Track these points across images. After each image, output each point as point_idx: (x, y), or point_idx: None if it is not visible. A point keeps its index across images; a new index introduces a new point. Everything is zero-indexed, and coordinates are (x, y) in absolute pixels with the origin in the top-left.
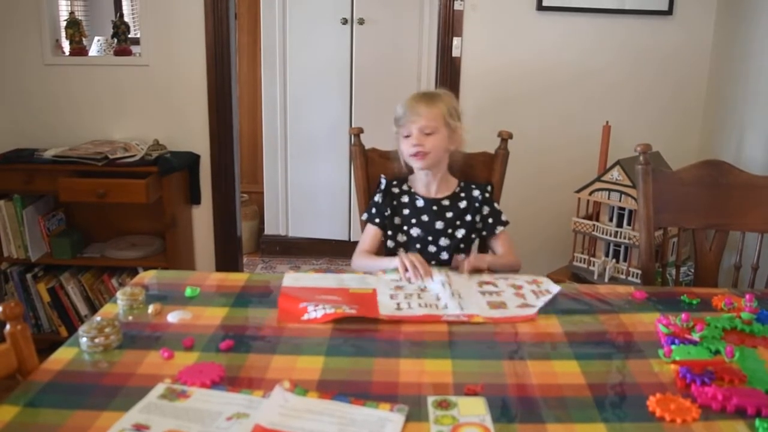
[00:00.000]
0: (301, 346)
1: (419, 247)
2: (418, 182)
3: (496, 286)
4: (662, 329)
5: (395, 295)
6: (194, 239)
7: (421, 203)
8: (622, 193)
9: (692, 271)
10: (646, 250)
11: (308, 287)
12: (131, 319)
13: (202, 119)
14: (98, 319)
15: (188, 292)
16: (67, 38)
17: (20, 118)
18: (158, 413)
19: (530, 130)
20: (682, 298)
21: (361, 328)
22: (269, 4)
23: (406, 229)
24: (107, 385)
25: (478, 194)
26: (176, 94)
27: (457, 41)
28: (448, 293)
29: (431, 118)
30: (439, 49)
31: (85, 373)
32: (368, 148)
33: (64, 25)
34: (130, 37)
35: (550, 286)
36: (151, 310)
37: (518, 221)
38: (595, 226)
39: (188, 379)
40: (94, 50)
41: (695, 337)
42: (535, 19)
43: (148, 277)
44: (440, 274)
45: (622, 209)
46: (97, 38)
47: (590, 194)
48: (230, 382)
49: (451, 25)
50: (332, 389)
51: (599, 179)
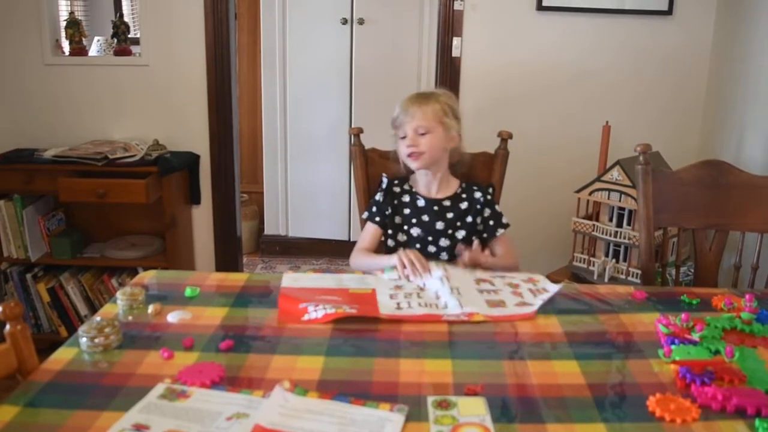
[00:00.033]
0: (301, 346)
1: (419, 247)
2: (419, 182)
3: (492, 284)
4: (662, 329)
5: (395, 294)
6: (194, 239)
7: (422, 203)
8: (622, 193)
9: (692, 271)
10: (646, 250)
11: (308, 288)
12: (131, 319)
13: (202, 119)
14: (98, 319)
15: (188, 292)
16: (67, 38)
17: (20, 118)
18: (158, 413)
19: (530, 130)
20: (682, 298)
21: (361, 328)
22: (269, 4)
23: (406, 228)
24: (107, 385)
25: (479, 196)
26: (176, 94)
27: (457, 41)
28: (447, 290)
29: (425, 117)
30: (439, 49)
31: (85, 373)
32: (368, 148)
33: (64, 25)
34: (130, 37)
35: (547, 284)
36: (151, 310)
37: (518, 221)
38: (595, 226)
39: (188, 379)
40: (94, 50)
41: (695, 337)
42: (534, 19)
43: (148, 277)
44: (438, 268)
45: (622, 209)
46: (97, 38)
47: (590, 194)
48: (230, 382)
49: (451, 25)
50: (332, 389)
51: (599, 179)
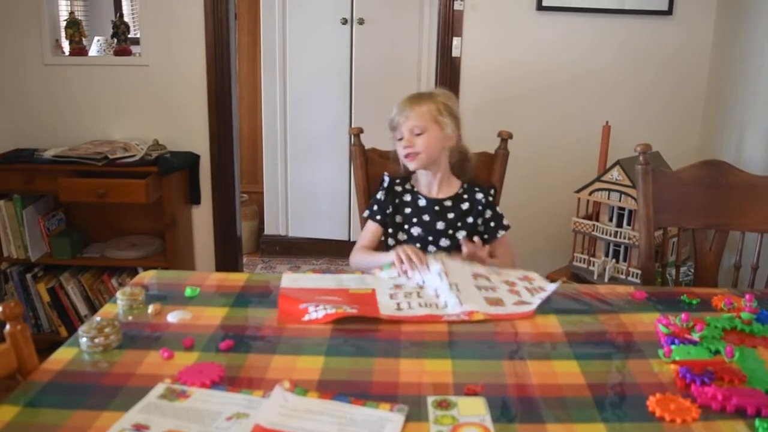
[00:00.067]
0: (301, 346)
1: (419, 246)
2: (420, 182)
3: (489, 280)
4: (662, 329)
5: (395, 294)
6: (194, 239)
7: (423, 203)
8: (622, 193)
9: (692, 271)
10: (645, 250)
11: (307, 288)
12: (131, 319)
13: (202, 119)
14: (98, 319)
15: (188, 292)
16: (67, 38)
17: (20, 118)
18: (158, 413)
19: (530, 130)
20: (682, 298)
21: (361, 328)
22: (269, 4)
23: (407, 227)
24: (107, 385)
25: (481, 197)
26: (176, 94)
27: (457, 41)
28: (445, 286)
29: (419, 117)
30: (439, 49)
31: (85, 373)
32: (368, 148)
33: (64, 25)
34: (130, 37)
35: (542, 283)
36: (151, 310)
37: (518, 221)
38: (595, 226)
39: (188, 379)
40: (94, 50)
41: (695, 337)
42: (535, 19)
43: (148, 277)
44: (436, 262)
45: (622, 209)
46: (97, 38)
47: (590, 194)
48: (230, 382)
49: (451, 25)
50: (332, 389)
51: (599, 179)
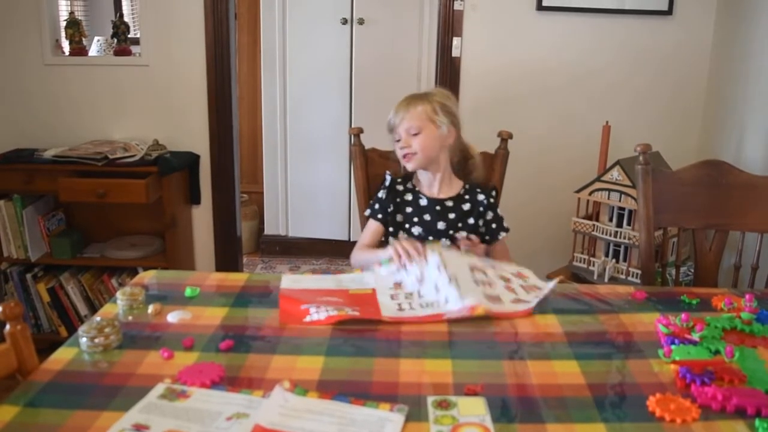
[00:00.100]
0: (301, 346)
1: None
2: (421, 181)
3: (486, 274)
4: (662, 329)
5: (396, 294)
6: (194, 239)
7: (424, 202)
8: (622, 193)
9: (692, 271)
10: (646, 250)
11: (307, 289)
12: (131, 319)
13: (202, 119)
14: (98, 319)
15: (188, 292)
16: (67, 38)
17: (20, 118)
18: (158, 413)
19: (530, 130)
20: (682, 298)
21: (360, 328)
22: (269, 4)
23: (407, 227)
24: (107, 385)
25: (482, 198)
26: (176, 94)
27: (457, 41)
28: (445, 279)
29: (414, 118)
30: (439, 49)
31: (85, 373)
32: (368, 148)
33: (64, 25)
34: (130, 37)
35: (536, 281)
36: (151, 310)
37: (518, 221)
38: (595, 226)
39: (188, 379)
40: (94, 50)
41: (695, 337)
42: (535, 19)
43: (148, 277)
44: (434, 253)
45: (622, 209)
46: (97, 38)
47: (590, 194)
48: (230, 382)
49: (451, 25)
50: (332, 389)
51: (599, 179)
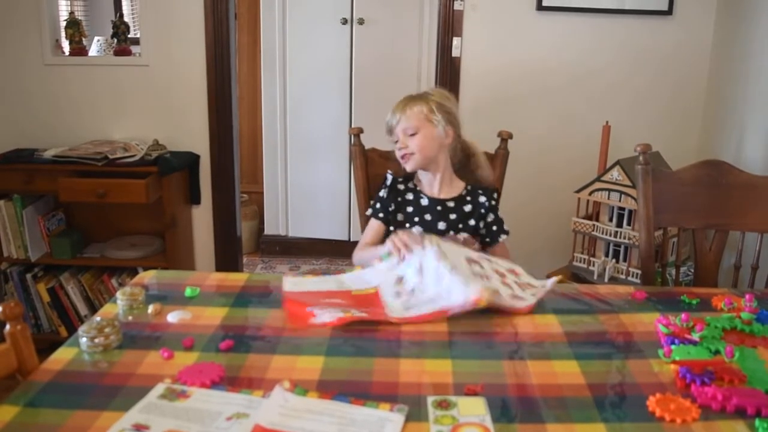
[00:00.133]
0: (301, 346)
1: None
2: (422, 181)
3: (482, 267)
4: (662, 329)
5: (400, 292)
6: (194, 239)
7: (425, 202)
8: (622, 193)
9: (692, 271)
10: (646, 250)
11: (311, 291)
12: (131, 319)
13: (202, 119)
14: (98, 319)
15: (188, 292)
16: (67, 38)
17: (20, 118)
18: (158, 413)
19: (530, 130)
20: (682, 298)
21: (361, 327)
22: (269, 4)
23: (408, 226)
24: (107, 385)
25: (484, 200)
26: (176, 94)
27: (457, 41)
28: (446, 267)
29: (411, 118)
30: (439, 49)
31: (85, 373)
32: (368, 148)
33: (64, 25)
34: (130, 37)
35: (530, 279)
36: (151, 310)
37: (518, 221)
38: (595, 226)
39: (188, 379)
40: (94, 50)
41: (695, 337)
42: (535, 19)
43: (148, 277)
44: (431, 245)
45: (622, 209)
46: (97, 38)
47: (590, 194)
48: (230, 382)
49: (451, 25)
50: (332, 389)
51: (599, 179)
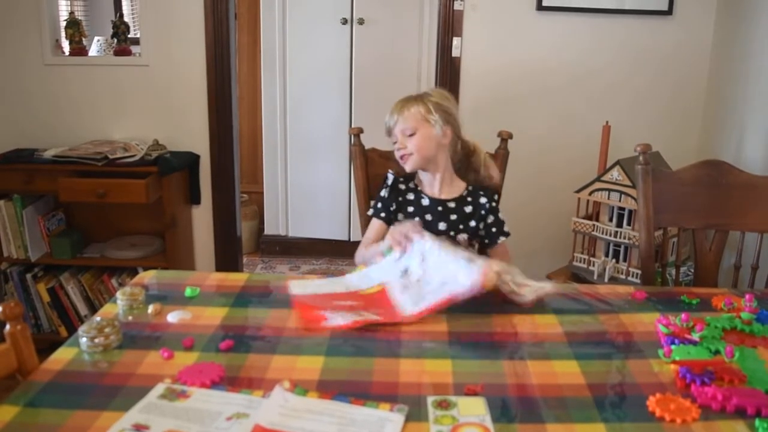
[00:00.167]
0: (301, 346)
1: None
2: (423, 181)
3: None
4: (662, 329)
5: (407, 285)
6: (194, 239)
7: (426, 202)
8: (622, 193)
9: (692, 271)
10: (646, 250)
11: (319, 294)
12: (131, 319)
13: (202, 119)
14: (98, 319)
15: (188, 292)
16: (67, 38)
17: (20, 118)
18: (158, 413)
19: (530, 130)
20: (682, 298)
21: (361, 327)
22: (269, 4)
23: None
24: (107, 385)
25: (485, 201)
26: (176, 94)
27: (457, 41)
28: (448, 253)
29: (409, 119)
30: (439, 49)
31: (85, 373)
32: (368, 148)
33: (64, 25)
34: (130, 37)
35: (526, 280)
36: (150, 310)
37: (518, 221)
38: (595, 226)
39: (188, 379)
40: (94, 50)
41: (695, 337)
42: (534, 19)
43: (148, 277)
44: (428, 238)
45: (622, 209)
46: (97, 38)
47: (590, 194)
48: (230, 382)
49: (451, 25)
50: (332, 389)
51: (599, 179)
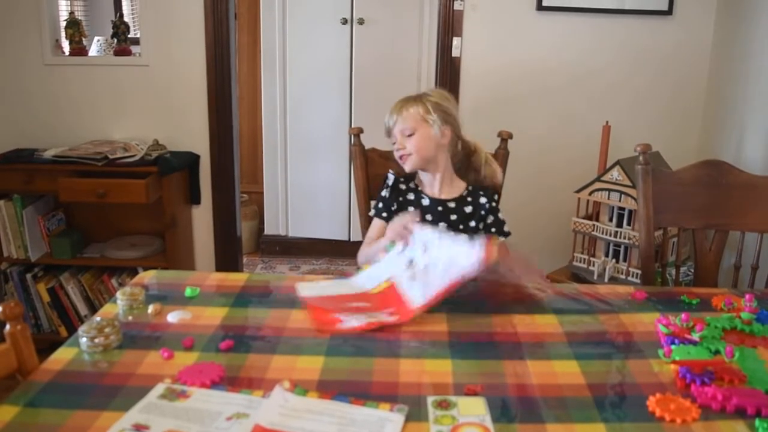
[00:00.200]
0: (301, 346)
1: None
2: (423, 181)
3: None
4: (662, 329)
5: (413, 275)
6: (194, 239)
7: (426, 202)
8: (622, 193)
9: (692, 271)
10: (645, 250)
11: (330, 296)
12: (131, 319)
13: (202, 119)
14: (98, 319)
15: (188, 292)
16: (67, 38)
17: (20, 118)
18: (158, 413)
19: (530, 130)
20: (682, 298)
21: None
22: (269, 4)
23: None
24: (107, 385)
25: (485, 201)
26: (176, 94)
27: (457, 41)
28: (449, 237)
29: (407, 119)
30: (438, 49)
31: (85, 373)
32: (368, 148)
33: (64, 25)
34: (130, 37)
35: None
36: (150, 310)
37: (518, 221)
38: (595, 226)
39: (188, 379)
40: (93, 50)
41: (695, 337)
42: (535, 19)
43: (148, 277)
44: (428, 227)
45: (622, 209)
46: (97, 38)
47: (590, 194)
48: (230, 382)
49: (451, 25)
50: (332, 389)
51: (599, 179)
